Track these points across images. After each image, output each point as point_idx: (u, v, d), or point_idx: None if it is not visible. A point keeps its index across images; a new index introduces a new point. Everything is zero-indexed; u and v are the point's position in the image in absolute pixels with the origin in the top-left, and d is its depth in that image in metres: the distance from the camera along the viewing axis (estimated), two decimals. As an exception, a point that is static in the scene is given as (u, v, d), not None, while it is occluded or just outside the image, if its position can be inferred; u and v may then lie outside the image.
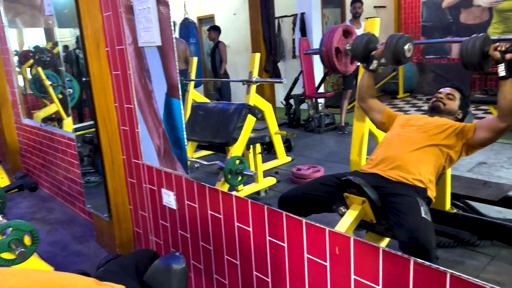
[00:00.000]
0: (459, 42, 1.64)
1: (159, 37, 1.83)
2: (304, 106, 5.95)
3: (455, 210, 2.23)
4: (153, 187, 2.15)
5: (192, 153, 2.98)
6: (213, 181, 2.81)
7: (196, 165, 2.64)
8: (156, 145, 2.03)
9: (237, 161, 2.46)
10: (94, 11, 2.25)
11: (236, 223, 1.63)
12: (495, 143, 1.73)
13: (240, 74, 7.17)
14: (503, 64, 1.51)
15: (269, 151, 4.44)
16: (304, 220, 1.32)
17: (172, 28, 1.76)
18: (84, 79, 2.34)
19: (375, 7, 7.65)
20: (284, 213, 1.39)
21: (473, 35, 1.61)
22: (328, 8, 7.30)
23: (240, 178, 2.48)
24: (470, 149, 1.78)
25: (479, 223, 2.08)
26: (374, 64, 2.00)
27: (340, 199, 1.73)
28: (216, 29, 5.85)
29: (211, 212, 1.76)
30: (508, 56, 1.50)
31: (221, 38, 7.49)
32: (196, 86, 6.42)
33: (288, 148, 4.46)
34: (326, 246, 1.27)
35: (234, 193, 2.97)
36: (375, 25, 2.41)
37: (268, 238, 1.48)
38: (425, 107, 6.48)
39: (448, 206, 2.22)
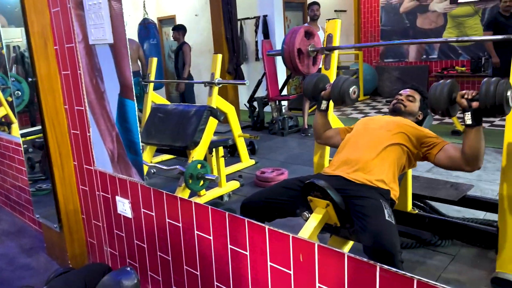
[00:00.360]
0: (417, 44, 1.66)
1: (111, 34, 1.71)
2: (267, 108, 5.92)
3: (416, 211, 2.25)
4: (106, 195, 2.01)
5: (151, 158, 2.86)
6: (175, 187, 2.70)
7: (152, 171, 2.51)
8: (109, 149, 1.90)
9: (199, 165, 2.37)
10: (41, 6, 2.09)
11: (196, 232, 1.54)
12: (453, 143, 1.76)
13: (203, 76, 7.05)
14: (469, 112, 1.51)
15: (232, 154, 4.37)
16: (267, 227, 1.26)
17: (125, 25, 1.65)
18: (30, 79, 2.16)
19: (335, 11, 7.79)
20: (246, 220, 1.32)
21: (440, 81, 1.62)
22: (290, 11, 7.33)
23: (202, 183, 2.38)
24: (425, 160, 1.80)
25: (440, 223, 2.11)
26: (324, 104, 2.03)
27: (304, 203, 1.68)
28: (180, 29, 5.65)
29: (169, 221, 1.66)
30: (474, 104, 1.49)
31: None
32: (156, 88, 6.25)
33: (252, 151, 4.41)
34: (290, 254, 1.21)
35: (194, 199, 2.88)
36: (336, 26, 2.40)
37: (229, 246, 1.40)
38: (385, 109, 6.65)
39: (409, 207, 2.23)
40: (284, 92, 6.18)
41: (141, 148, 3.00)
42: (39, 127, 2.26)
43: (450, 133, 4.63)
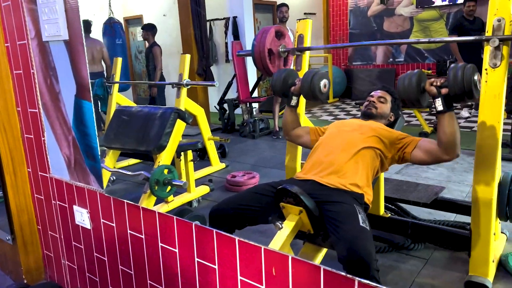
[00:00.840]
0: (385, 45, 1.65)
1: (66, 30, 1.57)
2: (238, 110, 5.84)
3: (389, 215, 2.22)
4: (63, 204, 1.86)
5: (114, 163, 2.70)
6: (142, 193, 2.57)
7: (112, 178, 2.37)
8: (65, 155, 1.75)
9: (165, 171, 2.25)
10: (-11, 0, 1.91)
11: (160, 244, 1.42)
12: (423, 138, 1.75)
13: (172, 77, 6.86)
14: (439, 98, 1.52)
15: (202, 157, 4.25)
16: (237, 238, 1.16)
17: (81, 20, 1.52)
18: (-23, 79, 1.97)
19: (305, 13, 7.80)
20: (214, 230, 1.22)
21: (408, 72, 1.61)
22: (260, 12, 7.29)
23: (168, 189, 2.26)
24: (403, 161, 1.77)
25: (413, 227, 2.08)
26: (294, 100, 1.97)
27: (276, 209, 1.60)
28: (150, 28, 5.41)
29: (131, 232, 1.53)
30: (443, 90, 1.51)
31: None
32: (122, 90, 6.02)
33: (223, 154, 4.31)
34: (262, 267, 1.12)
35: (161, 205, 2.75)
36: (307, 26, 2.35)
37: (196, 259, 1.30)
38: (354, 111, 6.71)
39: (382, 210, 2.20)
40: (255, 94, 6.11)
41: (104, 152, 2.85)
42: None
43: (418, 135, 4.70)
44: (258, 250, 1.12)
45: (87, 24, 5.33)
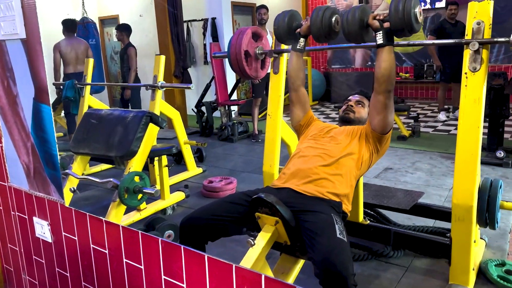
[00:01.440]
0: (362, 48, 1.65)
1: (23, 28, 1.45)
2: (217, 113, 5.73)
3: (368, 222, 2.17)
4: (23, 216, 1.72)
5: (83, 169, 2.56)
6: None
7: (73, 189, 2.23)
8: (24, 163, 1.62)
9: (136, 178, 2.13)
10: None
11: (124, 259, 1.32)
12: (398, 149, 1.71)
13: (149, 79, 6.68)
14: (381, 32, 1.54)
15: (178, 162, 4.13)
16: (206, 255, 1.07)
17: (38, 17, 1.40)
18: None
19: (285, 16, 7.77)
20: (182, 247, 1.12)
21: (352, 6, 1.61)
22: (239, 14, 7.21)
23: (139, 197, 2.15)
24: (379, 144, 1.73)
25: (392, 234, 2.03)
26: (301, 42, 1.88)
27: (251, 220, 1.51)
28: (124, 29, 5.25)
29: (94, 246, 1.42)
30: (386, 24, 1.52)
31: (127, 41, 6.93)
32: (96, 92, 5.83)
33: (200, 159, 4.20)
34: (233, 286, 1.03)
35: (133, 215, 2.62)
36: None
37: (163, 277, 1.20)
38: (333, 114, 6.70)
39: (361, 217, 2.14)
40: (234, 96, 6.02)
41: (72, 157, 2.71)
42: None
43: (396, 139, 4.71)
44: (229, 268, 1.03)
45: (72, 24, 5.15)
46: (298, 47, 1.88)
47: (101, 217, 1.35)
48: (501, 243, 2.21)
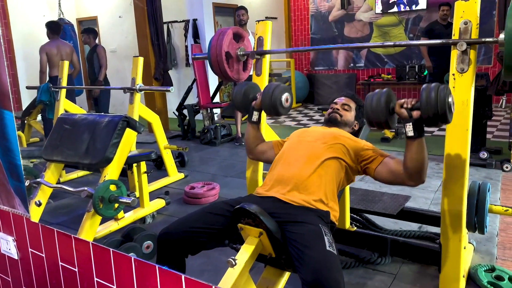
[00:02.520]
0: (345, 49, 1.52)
1: (-18, 26, 1.33)
2: (199, 116, 5.62)
3: (355, 228, 2.10)
4: (-13, 230, 1.59)
5: (57, 177, 2.42)
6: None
7: (38, 202, 2.10)
8: (-14, 174, 1.49)
9: (112, 186, 2.01)
10: None
11: (95, 279, 1.21)
12: (382, 150, 1.63)
13: (128, 82, 6.55)
14: (410, 123, 1.37)
15: (159, 167, 4.01)
16: (183, 276, 0.98)
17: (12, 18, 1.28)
18: None
19: (266, 17, 7.71)
20: (156, 266, 1.03)
21: (376, 90, 1.47)
22: (221, 15, 7.12)
23: (116, 206, 2.03)
24: (365, 174, 1.64)
25: (380, 241, 1.97)
26: (255, 115, 1.83)
27: (234, 231, 1.42)
28: (91, 31, 5.19)
29: (63, 264, 1.31)
30: (415, 114, 1.36)
31: (107, 42, 6.77)
32: (77, 95, 5.66)
33: (181, 163, 4.09)
34: (213, 309, 0.94)
35: (110, 224, 2.48)
36: (267, 28, 2.20)
37: (138, 298, 1.10)
38: (317, 116, 6.67)
39: (348, 224, 2.08)
40: (217, 99, 5.92)
41: (45, 165, 2.57)
42: None
43: (380, 140, 4.69)
44: (209, 290, 0.94)
45: (56, 26, 5.00)
46: (253, 119, 1.82)
47: (70, 234, 1.24)
48: (489, 247, 2.18)
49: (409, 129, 1.39)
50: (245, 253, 1.35)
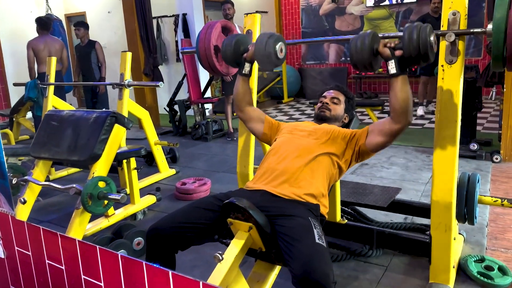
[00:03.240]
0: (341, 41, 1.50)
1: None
2: (190, 112, 5.59)
3: (345, 221, 2.10)
4: (-28, 229, 1.56)
5: (45, 175, 2.38)
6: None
7: (22, 200, 2.07)
8: (-31, 172, 1.46)
9: (101, 183, 1.99)
10: None
11: (83, 276, 1.19)
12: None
13: (119, 77, 6.48)
14: (393, 60, 1.41)
15: (150, 163, 3.98)
16: (170, 272, 0.96)
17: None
18: None
19: (257, 11, 7.67)
20: (143, 263, 1.01)
21: (360, 32, 1.47)
22: (211, 10, 7.06)
23: (105, 203, 2.01)
24: (362, 156, 1.64)
25: (371, 233, 1.97)
26: (247, 67, 1.79)
27: (223, 226, 1.41)
28: (84, 25, 5.05)
29: (50, 262, 1.29)
30: (397, 52, 1.40)
31: (96, 38, 6.67)
32: (67, 91, 5.58)
33: (173, 159, 4.06)
34: (201, 304, 0.93)
35: (100, 221, 2.45)
36: (256, 21, 2.19)
37: (125, 295, 1.09)
38: (309, 110, 6.66)
39: (338, 217, 2.08)
40: (208, 94, 5.88)
41: (33, 163, 2.53)
42: None
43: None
44: (196, 285, 0.92)
45: (46, 21, 4.90)
46: (243, 72, 1.79)
47: (56, 231, 1.22)
48: (479, 238, 2.19)
49: (392, 67, 1.42)
50: (234, 248, 1.33)
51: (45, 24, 4.87)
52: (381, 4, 7.31)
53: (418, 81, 5.94)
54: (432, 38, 1.35)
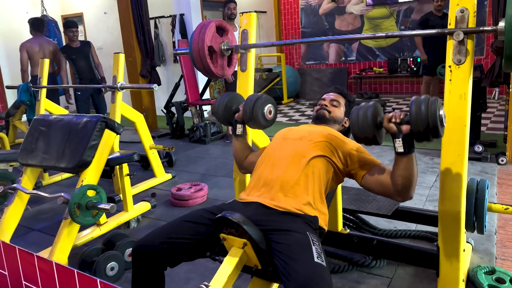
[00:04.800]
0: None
1: None
2: (188, 114, 5.49)
3: (348, 231, 2.00)
4: None
5: (33, 182, 2.27)
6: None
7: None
8: None
9: (90, 192, 1.89)
10: None
11: (61, 300, 1.09)
12: (375, 146, 1.50)
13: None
14: (400, 138, 1.26)
15: (146, 167, 3.88)
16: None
17: None
18: None
19: (256, 11, 7.56)
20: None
21: (361, 104, 1.35)
22: (209, 10, 6.96)
23: (95, 213, 1.90)
24: (350, 177, 1.53)
25: (375, 244, 1.87)
26: (239, 129, 1.70)
27: (216, 241, 1.31)
28: (74, 25, 4.85)
29: (27, 283, 1.19)
30: (405, 128, 1.25)
31: (93, 39, 6.57)
32: (61, 94, 5.46)
33: (169, 163, 3.96)
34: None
35: (92, 230, 2.34)
36: (252, 20, 2.08)
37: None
38: (309, 111, 6.55)
39: (340, 226, 1.98)
40: (207, 95, 5.78)
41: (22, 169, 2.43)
42: None
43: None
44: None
45: (39, 23, 4.79)
46: (237, 133, 1.71)
47: (32, 252, 1.12)
48: (488, 246, 2.09)
49: (399, 145, 1.27)
50: (228, 266, 1.23)
51: (39, 25, 4.76)
52: (381, 3, 7.20)
53: (420, 81, 5.84)
54: (442, 112, 1.22)
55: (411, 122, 1.23)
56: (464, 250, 1.58)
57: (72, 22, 4.73)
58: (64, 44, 6.45)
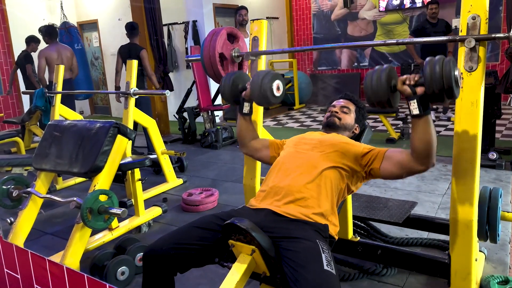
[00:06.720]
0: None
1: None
2: (200, 119, 5.52)
3: (358, 238, 1.99)
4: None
5: (47, 186, 2.31)
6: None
7: (9, 220, 2.01)
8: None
9: (102, 197, 1.92)
10: None
11: (72, 304, 1.11)
12: (388, 149, 1.50)
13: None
14: (415, 100, 1.26)
15: (158, 172, 3.91)
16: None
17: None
18: None
19: (268, 17, 7.61)
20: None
21: (376, 67, 1.35)
22: (221, 16, 7.02)
23: (106, 218, 1.93)
24: (372, 177, 1.52)
25: (385, 252, 1.85)
26: (246, 107, 1.70)
27: (224, 247, 1.32)
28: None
29: (38, 287, 1.21)
30: (419, 90, 1.25)
31: (107, 45, 6.68)
32: (77, 98, 5.55)
33: (181, 169, 3.99)
34: None
35: (101, 237, 2.37)
36: (262, 27, 2.10)
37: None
38: (320, 117, 6.53)
39: (350, 234, 1.96)
40: (219, 101, 5.82)
41: (36, 174, 2.48)
42: None
43: (385, 141, 4.57)
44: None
45: (52, 30, 4.90)
46: (244, 111, 1.70)
47: (44, 256, 1.14)
48: (502, 255, 2.05)
49: (414, 107, 1.27)
50: (236, 273, 1.24)
51: (52, 32, 4.87)
52: (394, 8, 7.17)
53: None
54: (456, 73, 1.21)
55: (426, 84, 1.23)
56: (476, 260, 1.56)
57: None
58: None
